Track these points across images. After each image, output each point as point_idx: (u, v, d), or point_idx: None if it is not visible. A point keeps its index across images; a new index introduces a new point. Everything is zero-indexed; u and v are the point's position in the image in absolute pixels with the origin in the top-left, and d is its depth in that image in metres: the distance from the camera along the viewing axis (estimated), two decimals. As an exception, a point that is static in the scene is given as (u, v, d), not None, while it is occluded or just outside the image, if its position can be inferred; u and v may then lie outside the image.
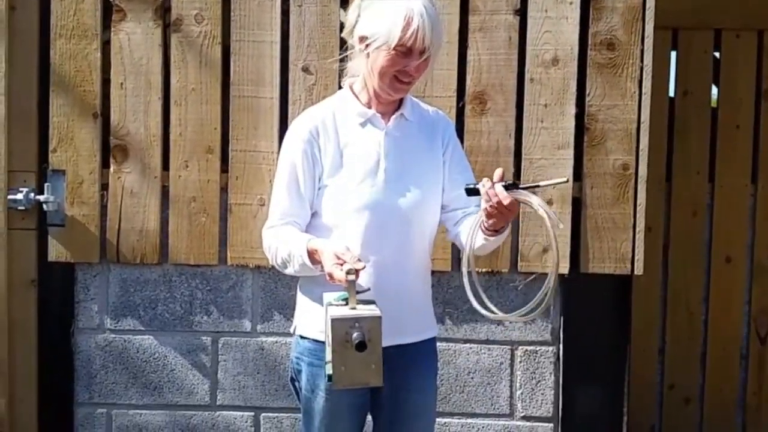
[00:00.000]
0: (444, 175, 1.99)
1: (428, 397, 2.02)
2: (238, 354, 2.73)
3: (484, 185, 1.79)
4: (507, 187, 1.76)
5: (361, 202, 1.89)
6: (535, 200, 1.77)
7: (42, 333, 2.74)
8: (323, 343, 1.92)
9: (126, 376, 2.73)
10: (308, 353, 1.96)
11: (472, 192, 1.82)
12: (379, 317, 1.74)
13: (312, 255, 1.84)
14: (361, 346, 1.72)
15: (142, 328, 2.73)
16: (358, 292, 1.76)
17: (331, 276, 1.78)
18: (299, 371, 2.00)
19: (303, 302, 2.01)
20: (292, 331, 2.04)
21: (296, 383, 2.03)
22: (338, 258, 1.78)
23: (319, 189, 1.93)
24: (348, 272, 1.74)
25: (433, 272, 2.15)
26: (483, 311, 1.84)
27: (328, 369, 1.78)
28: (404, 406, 1.98)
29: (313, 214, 1.95)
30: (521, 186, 1.79)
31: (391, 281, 1.89)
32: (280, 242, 1.91)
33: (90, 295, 2.73)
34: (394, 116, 1.94)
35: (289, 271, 1.92)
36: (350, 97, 1.96)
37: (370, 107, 1.94)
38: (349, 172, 1.90)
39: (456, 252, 2.64)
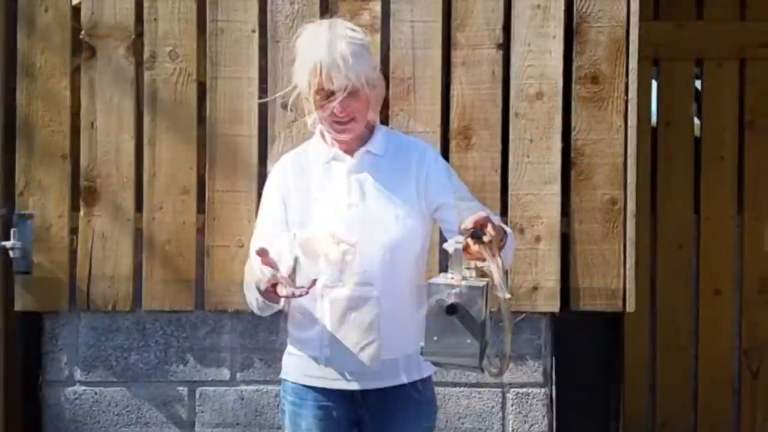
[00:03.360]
0: (429, 202, 1.92)
1: None
2: (217, 404, 2.62)
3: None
4: (474, 236, 1.68)
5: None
6: (489, 258, 1.67)
7: (7, 386, 2.62)
8: (304, 386, 1.90)
9: (98, 431, 2.61)
10: (291, 392, 1.94)
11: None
12: (483, 287, 1.63)
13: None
14: (451, 309, 1.61)
15: (114, 380, 2.61)
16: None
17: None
18: (284, 411, 1.97)
19: (288, 344, 1.99)
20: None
21: (283, 424, 2.00)
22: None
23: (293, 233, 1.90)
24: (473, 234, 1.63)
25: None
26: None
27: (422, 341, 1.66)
28: None
29: None
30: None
31: (366, 322, 1.84)
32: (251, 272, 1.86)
33: (59, 345, 2.61)
34: (358, 152, 1.92)
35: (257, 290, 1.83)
36: (317, 140, 1.97)
37: (335, 146, 1.93)
38: (316, 214, 1.89)
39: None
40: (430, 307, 1.64)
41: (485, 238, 1.64)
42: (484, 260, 1.66)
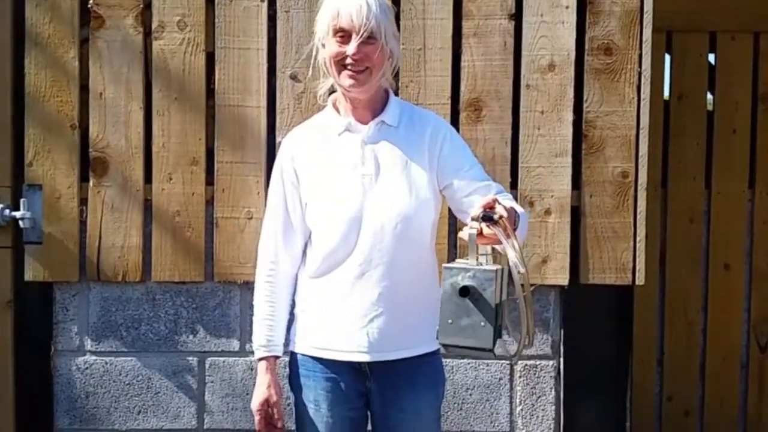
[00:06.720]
0: (442, 178, 1.91)
1: (423, 420, 1.95)
2: (226, 375, 2.62)
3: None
4: (485, 219, 1.65)
5: (339, 212, 1.86)
6: (503, 237, 1.64)
7: (19, 356, 2.62)
8: (312, 357, 1.91)
9: (108, 400, 2.62)
10: (299, 363, 1.95)
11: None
12: (497, 270, 1.61)
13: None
14: (464, 291, 1.60)
15: (125, 350, 2.61)
16: None
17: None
18: (291, 382, 1.99)
19: (296, 315, 1.98)
20: None
21: (290, 395, 2.02)
22: (260, 409, 1.93)
23: (306, 204, 1.91)
24: (485, 218, 1.60)
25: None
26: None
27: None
28: (397, 427, 1.92)
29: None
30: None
31: (375, 294, 1.85)
32: (256, 310, 1.98)
33: (69, 315, 2.61)
34: (372, 122, 1.90)
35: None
36: (330, 110, 1.95)
37: (348, 116, 1.91)
38: (330, 184, 1.88)
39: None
40: (444, 290, 1.63)
41: (495, 217, 1.62)
42: (500, 242, 1.64)
